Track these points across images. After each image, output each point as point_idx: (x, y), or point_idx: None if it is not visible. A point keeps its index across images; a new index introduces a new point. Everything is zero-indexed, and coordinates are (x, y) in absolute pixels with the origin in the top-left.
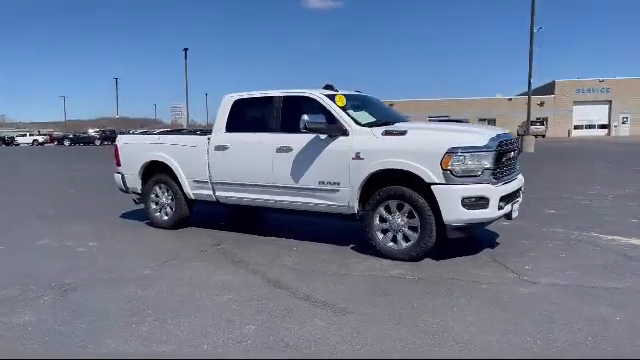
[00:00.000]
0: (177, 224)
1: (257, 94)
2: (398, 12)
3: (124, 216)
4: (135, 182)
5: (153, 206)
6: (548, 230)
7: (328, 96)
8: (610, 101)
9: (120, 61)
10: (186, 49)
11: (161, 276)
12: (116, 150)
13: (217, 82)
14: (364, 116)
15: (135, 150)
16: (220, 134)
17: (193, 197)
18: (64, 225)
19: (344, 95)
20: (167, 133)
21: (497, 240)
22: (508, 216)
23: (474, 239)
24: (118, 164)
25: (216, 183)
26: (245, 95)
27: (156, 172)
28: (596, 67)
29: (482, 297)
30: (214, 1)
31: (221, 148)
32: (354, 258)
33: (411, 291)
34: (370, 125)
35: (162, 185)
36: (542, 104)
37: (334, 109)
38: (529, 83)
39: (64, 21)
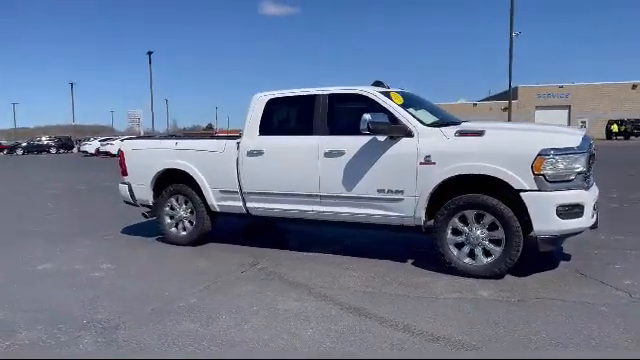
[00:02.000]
0: (197, 240)
1: (297, 92)
2: (352, 17)
3: (125, 232)
4: (146, 193)
5: (168, 220)
6: (609, 238)
7: (383, 93)
8: (569, 106)
9: (73, 65)
10: (150, 52)
11: (214, 305)
12: (122, 157)
13: (175, 89)
14: (426, 115)
15: (146, 157)
16: (253, 138)
17: (218, 209)
18: (61, 244)
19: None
20: (186, 137)
21: (564, 251)
22: (593, 225)
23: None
24: (124, 173)
25: (248, 193)
26: (282, 93)
27: (171, 182)
28: (556, 72)
29: (613, 323)
30: (174, 7)
31: (255, 153)
32: (423, 276)
33: (523, 318)
34: (436, 125)
35: (179, 196)
36: (506, 109)
37: (394, 107)
38: (510, 86)
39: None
